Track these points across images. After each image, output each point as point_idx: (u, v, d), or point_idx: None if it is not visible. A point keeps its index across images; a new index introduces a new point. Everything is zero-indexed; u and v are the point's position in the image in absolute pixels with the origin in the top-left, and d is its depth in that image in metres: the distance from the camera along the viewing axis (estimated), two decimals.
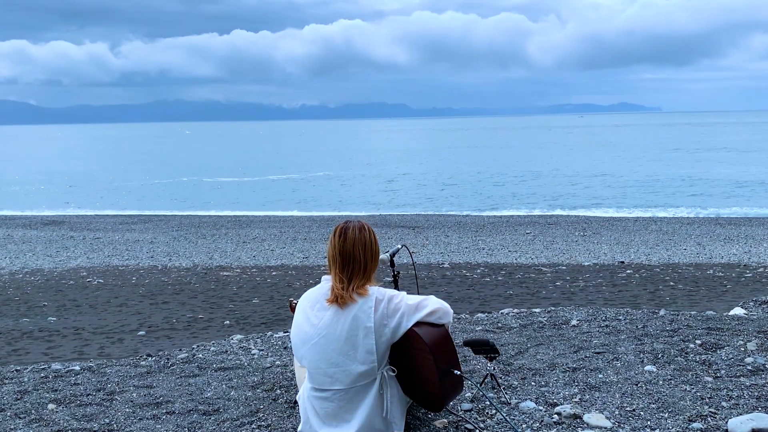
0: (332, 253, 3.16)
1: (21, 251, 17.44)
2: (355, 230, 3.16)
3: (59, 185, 41.15)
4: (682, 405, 3.58)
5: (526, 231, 19.15)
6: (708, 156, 53.77)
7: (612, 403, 3.64)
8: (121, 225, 22.70)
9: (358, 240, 3.14)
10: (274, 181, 41.82)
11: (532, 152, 65.91)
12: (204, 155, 73.76)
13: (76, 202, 32.00)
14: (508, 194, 32.15)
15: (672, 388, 3.82)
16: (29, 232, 21.25)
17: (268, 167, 52.83)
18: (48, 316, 9.81)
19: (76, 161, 66.81)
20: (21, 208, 29.92)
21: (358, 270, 3.12)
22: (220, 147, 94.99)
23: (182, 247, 17.69)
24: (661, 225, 20.03)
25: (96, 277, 13.27)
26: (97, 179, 44.83)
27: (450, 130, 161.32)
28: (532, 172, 43.24)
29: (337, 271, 3.13)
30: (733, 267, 12.71)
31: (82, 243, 18.68)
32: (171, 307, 10.26)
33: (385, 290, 3.17)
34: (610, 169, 44.15)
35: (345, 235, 3.15)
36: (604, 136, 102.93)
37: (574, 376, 4.08)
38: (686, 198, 29.02)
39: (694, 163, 46.75)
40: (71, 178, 45.62)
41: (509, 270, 12.87)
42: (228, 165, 56.70)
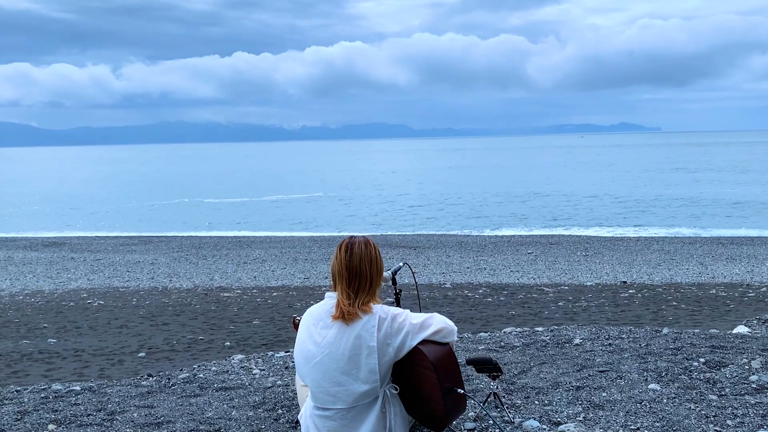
0: (338, 269, 3.14)
1: (21, 273, 17.42)
2: (361, 245, 3.15)
3: (60, 207, 41.20)
4: (686, 423, 3.55)
5: (528, 251, 19.12)
6: (708, 176, 53.84)
7: (616, 422, 3.61)
8: (122, 246, 22.69)
9: (365, 255, 3.13)
10: (275, 201, 41.86)
11: (532, 172, 66.04)
12: (205, 176, 73.91)
13: (77, 224, 32.02)
14: (509, 214, 32.15)
15: (676, 407, 3.79)
16: (30, 253, 21.24)
17: (269, 188, 52.91)
18: (48, 337, 9.77)
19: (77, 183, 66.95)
20: (22, 229, 29.93)
21: (365, 286, 3.11)
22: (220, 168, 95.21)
23: (183, 268, 17.66)
24: (662, 245, 20.01)
25: (96, 298, 13.23)
26: (97, 201, 44.90)
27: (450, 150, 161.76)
28: (533, 192, 43.28)
29: (344, 287, 3.12)
30: (735, 287, 12.67)
31: (83, 264, 18.65)
32: (171, 328, 10.22)
33: (388, 308, 3.15)
34: (611, 189, 44.19)
35: (351, 250, 3.13)
36: (604, 156, 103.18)
37: (577, 395, 4.05)
38: (687, 219, 29.01)
39: (695, 183, 46.81)
40: (72, 200, 45.69)
41: (511, 290, 12.83)
42: (228, 186, 56.79)
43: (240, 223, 31.17)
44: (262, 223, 30.99)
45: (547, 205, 35.33)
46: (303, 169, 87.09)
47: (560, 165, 79.13)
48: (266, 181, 63.64)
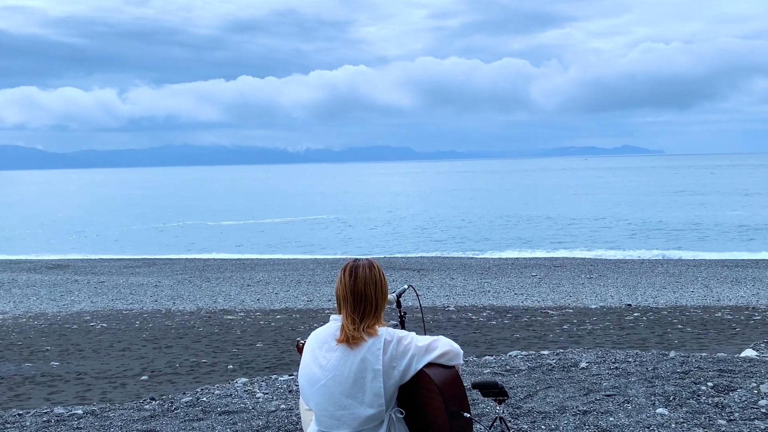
0: (343, 293, 3.12)
1: (25, 295, 17.40)
2: (365, 269, 3.13)
3: (64, 229, 41.28)
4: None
5: (532, 273, 19.06)
6: (712, 199, 53.79)
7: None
8: (126, 269, 22.68)
9: (369, 279, 3.11)
10: (278, 224, 41.87)
11: (536, 195, 66.05)
12: (208, 199, 74.07)
13: (81, 246, 32.05)
14: (513, 236, 32.10)
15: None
16: (33, 276, 21.24)
17: (272, 210, 52.98)
18: (50, 360, 9.73)
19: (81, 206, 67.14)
20: (26, 252, 29.96)
21: (370, 310, 3.09)
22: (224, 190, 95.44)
23: (186, 290, 17.64)
24: (667, 267, 19.93)
25: (99, 321, 13.20)
26: (102, 223, 44.98)
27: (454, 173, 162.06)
28: (536, 214, 43.24)
29: (348, 311, 3.10)
30: (741, 309, 12.59)
31: (87, 287, 18.64)
32: (174, 351, 10.17)
33: (394, 331, 3.13)
34: (615, 211, 44.15)
35: (356, 273, 3.12)
36: (608, 178, 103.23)
37: (584, 419, 4.00)
38: (692, 241, 28.93)
39: (699, 206, 46.74)
40: (76, 223, 45.78)
41: (515, 313, 12.76)
42: (232, 208, 56.88)
43: (243, 246, 31.17)
44: (265, 246, 30.98)
45: (550, 228, 35.28)
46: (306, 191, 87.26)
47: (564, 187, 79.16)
48: (270, 203, 63.74)
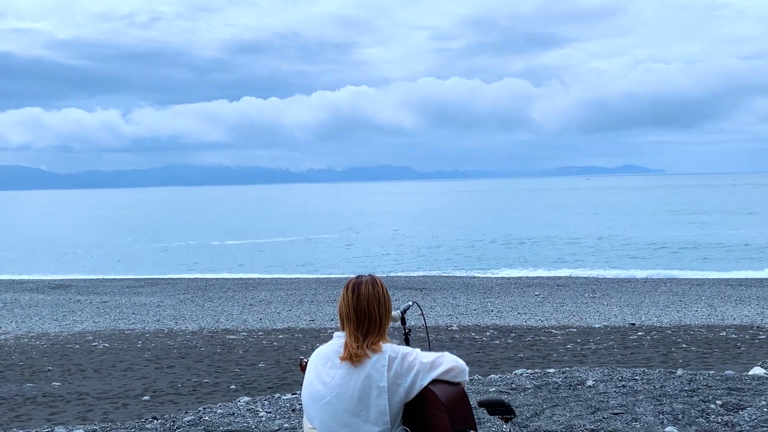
0: (345, 311, 3.10)
1: (27, 315, 17.37)
2: (368, 285, 3.11)
3: (67, 250, 41.29)
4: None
5: (535, 292, 18.99)
6: (715, 218, 53.72)
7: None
8: (128, 288, 22.66)
9: (372, 296, 3.09)
10: (281, 243, 41.86)
11: (539, 214, 66.01)
12: (212, 218, 74.14)
13: (83, 266, 32.04)
14: (515, 256, 32.04)
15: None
16: (36, 296, 21.21)
17: (275, 230, 53.00)
18: (52, 381, 9.68)
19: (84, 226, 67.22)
20: (28, 272, 29.95)
21: (374, 327, 3.07)
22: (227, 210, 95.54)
23: (189, 310, 17.60)
24: (670, 286, 19.85)
25: (101, 341, 13.16)
26: (104, 244, 45.00)
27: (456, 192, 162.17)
28: (539, 233, 43.19)
29: (352, 329, 3.07)
30: (746, 329, 12.52)
31: (89, 307, 18.61)
32: (176, 371, 10.13)
33: (398, 347, 3.10)
34: (617, 231, 44.09)
35: (358, 290, 3.09)
36: (610, 197, 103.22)
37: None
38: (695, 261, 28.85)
39: (701, 225, 46.67)
40: (79, 243, 45.81)
41: (519, 332, 12.70)
42: (235, 228, 56.90)
43: (245, 265, 31.14)
44: (268, 265, 30.95)
45: (553, 247, 35.22)
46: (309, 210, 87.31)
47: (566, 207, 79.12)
48: (272, 223, 63.78)
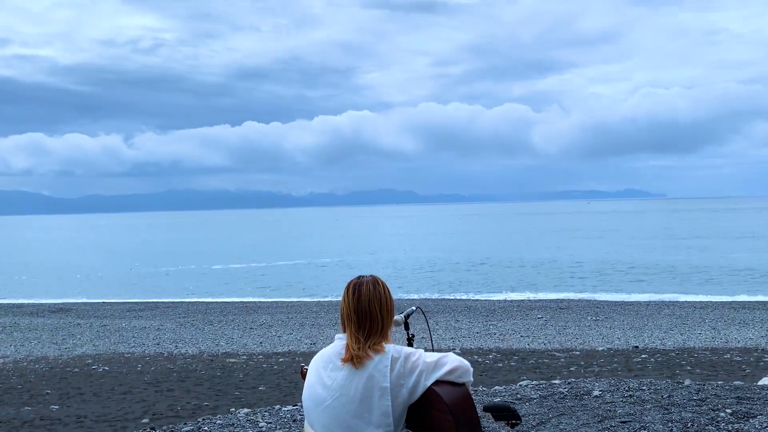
0: (347, 312, 3.04)
1: (26, 339, 17.28)
2: (369, 286, 3.05)
3: (67, 274, 41.22)
4: None
5: (538, 315, 18.89)
6: (715, 242, 53.63)
7: None
8: (129, 312, 22.56)
9: (374, 296, 3.03)
10: (281, 267, 41.77)
11: (540, 237, 65.94)
12: (212, 243, 74.08)
13: (84, 290, 31.95)
14: (517, 278, 31.93)
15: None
16: (36, 319, 21.12)
17: (276, 254, 52.92)
18: (50, 404, 9.60)
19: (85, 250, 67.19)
20: (28, 296, 29.86)
21: (376, 328, 3.01)
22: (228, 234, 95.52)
23: (189, 333, 17.50)
24: (673, 309, 19.74)
25: (101, 364, 13.07)
26: (105, 268, 44.93)
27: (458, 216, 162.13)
28: (541, 257, 43.11)
29: (353, 331, 3.01)
30: (750, 351, 12.42)
31: (89, 330, 18.51)
32: (176, 394, 10.04)
33: (401, 348, 3.04)
34: (620, 254, 44.00)
35: (359, 291, 3.04)
36: (611, 221, 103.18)
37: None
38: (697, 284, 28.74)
39: (703, 249, 46.58)
40: (79, 267, 45.75)
41: (522, 355, 12.60)
42: (235, 252, 56.84)
43: (246, 289, 31.04)
44: (268, 289, 30.85)
45: (555, 269, 35.12)
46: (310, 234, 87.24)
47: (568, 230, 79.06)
48: (273, 247, 63.70)
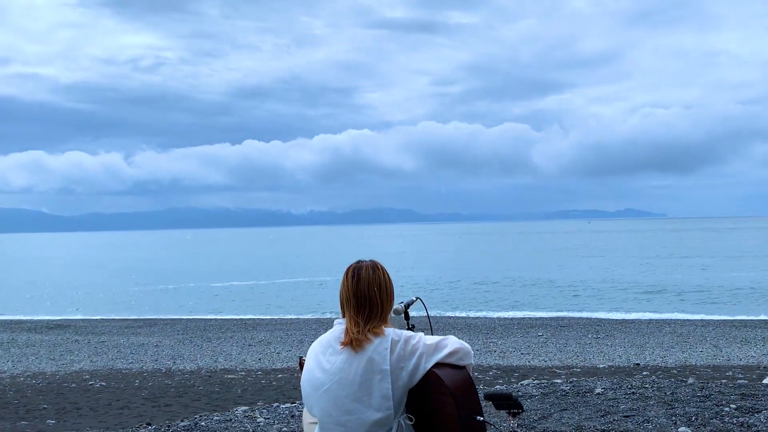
0: (346, 295, 3.01)
1: (24, 354, 17.18)
2: (368, 270, 3.02)
3: (66, 291, 41.10)
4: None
5: (538, 333, 18.79)
6: (717, 261, 53.56)
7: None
8: (127, 329, 22.46)
9: (373, 280, 3.00)
10: (280, 284, 41.65)
11: (541, 256, 65.84)
12: (212, 261, 73.96)
13: (82, 307, 31.83)
14: (517, 297, 31.84)
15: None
16: (33, 335, 21.01)
17: (275, 272, 52.81)
18: (47, 418, 9.51)
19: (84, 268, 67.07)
20: (26, 312, 29.74)
21: (375, 312, 2.98)
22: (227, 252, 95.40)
23: (187, 350, 17.40)
24: (674, 327, 19.65)
25: (98, 380, 12.98)
26: (104, 285, 44.82)
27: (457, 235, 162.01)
28: (542, 275, 43.01)
29: (351, 314, 2.98)
30: (752, 369, 12.35)
31: (87, 346, 18.41)
32: (173, 409, 9.95)
33: (401, 331, 3.01)
34: (620, 273, 43.91)
35: (358, 275, 3.01)
36: (612, 241, 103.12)
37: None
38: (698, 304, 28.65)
39: (705, 268, 46.50)
40: (78, 285, 45.63)
41: (522, 372, 12.52)
42: (235, 270, 56.73)
43: (245, 306, 30.93)
44: (267, 306, 30.74)
45: (556, 288, 35.02)
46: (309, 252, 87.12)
47: (568, 249, 78.98)
48: (272, 265, 63.59)
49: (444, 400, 2.86)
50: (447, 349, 2.96)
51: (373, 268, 3.04)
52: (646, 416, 4.30)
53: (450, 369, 2.94)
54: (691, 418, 4.19)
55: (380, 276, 3.03)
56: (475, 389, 2.99)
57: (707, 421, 4.13)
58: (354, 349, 2.91)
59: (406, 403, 2.97)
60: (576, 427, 4.13)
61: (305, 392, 3.04)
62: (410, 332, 3.03)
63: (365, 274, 3.01)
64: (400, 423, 2.93)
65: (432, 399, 2.91)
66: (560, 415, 4.47)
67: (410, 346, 2.93)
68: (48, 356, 16.84)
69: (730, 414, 4.30)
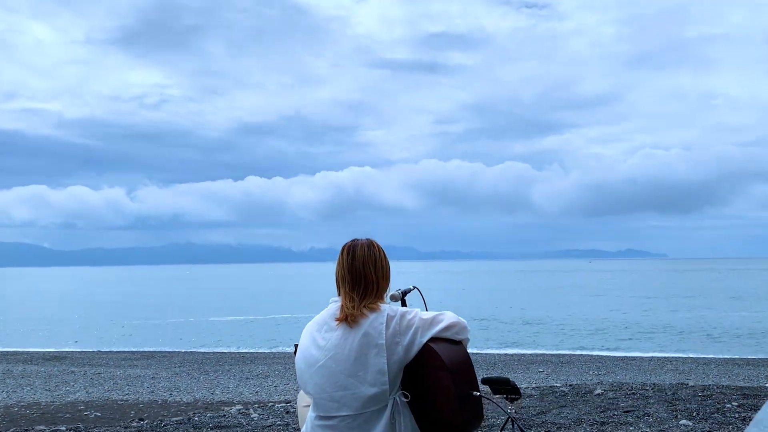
0: (341, 273, 3.01)
1: (19, 385, 17.02)
2: (363, 247, 3.03)
3: (64, 324, 40.88)
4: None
5: (539, 369, 18.63)
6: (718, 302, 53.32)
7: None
8: (124, 361, 22.28)
9: (368, 257, 3.00)
10: (279, 319, 41.42)
11: (542, 294, 65.57)
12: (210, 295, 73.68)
13: (80, 340, 31.63)
14: (518, 334, 31.62)
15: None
16: (30, 367, 20.85)
17: (273, 307, 52.57)
18: None
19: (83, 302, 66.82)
20: (23, 344, 29.54)
21: (371, 290, 2.97)
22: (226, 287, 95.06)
23: (184, 382, 17.24)
24: (676, 365, 19.49)
25: (93, 410, 12.82)
26: (102, 318, 44.59)
27: (458, 273, 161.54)
28: (543, 314, 42.79)
29: (347, 290, 2.97)
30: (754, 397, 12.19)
31: (83, 378, 18.25)
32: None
33: (397, 307, 3.01)
34: (622, 312, 43.68)
35: (353, 252, 3.01)
36: (613, 280, 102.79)
37: (602, 429, 3.74)
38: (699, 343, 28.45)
39: (707, 309, 46.26)
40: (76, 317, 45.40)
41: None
42: (233, 305, 56.48)
43: (243, 340, 30.72)
44: (265, 340, 30.53)
45: (557, 325, 34.80)
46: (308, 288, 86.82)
47: (569, 288, 78.68)
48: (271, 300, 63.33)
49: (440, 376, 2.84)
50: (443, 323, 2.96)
51: (368, 246, 3.05)
52: (646, 412, 4.26)
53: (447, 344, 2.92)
54: (693, 414, 4.15)
55: (375, 253, 3.04)
56: (471, 364, 2.98)
57: (709, 415, 4.10)
58: (349, 324, 2.89)
59: (402, 379, 2.94)
60: (575, 419, 4.09)
61: (299, 369, 2.99)
62: (406, 308, 3.03)
63: (360, 252, 3.02)
64: (396, 400, 2.89)
65: (428, 374, 2.89)
66: (559, 411, 4.45)
67: (406, 321, 2.92)
68: (43, 387, 16.68)
69: (731, 410, 4.27)
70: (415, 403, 2.94)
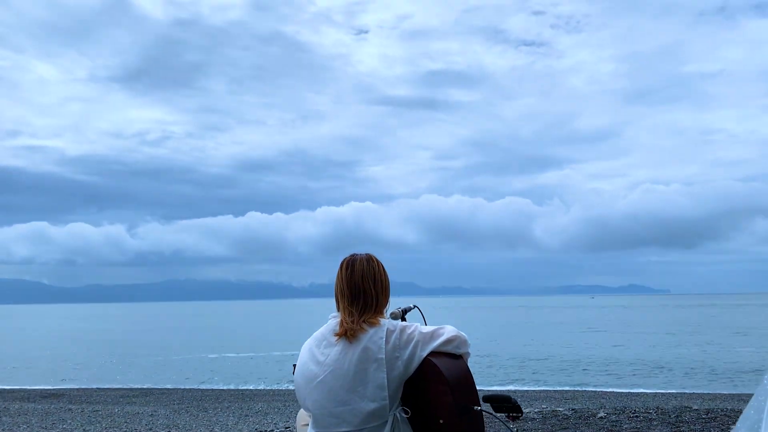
0: (340, 287, 2.94)
1: (15, 423, 16.75)
2: (362, 262, 2.97)
3: (61, 361, 40.55)
4: None
5: (542, 405, 18.36)
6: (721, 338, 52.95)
7: None
8: (122, 398, 22.02)
9: (367, 272, 2.95)
10: (279, 356, 41.08)
11: (544, 330, 65.14)
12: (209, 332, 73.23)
13: (77, 377, 31.32)
14: (521, 370, 31.32)
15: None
16: (26, 404, 20.58)
17: (273, 343, 52.19)
18: None
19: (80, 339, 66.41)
20: (20, 382, 29.24)
21: (370, 305, 2.90)
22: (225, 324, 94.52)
23: (182, 420, 16.98)
24: (681, 401, 19.21)
25: None
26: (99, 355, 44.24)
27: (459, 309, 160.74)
28: (545, 350, 42.44)
29: (346, 305, 2.91)
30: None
31: (80, 415, 17.98)
32: None
33: (397, 321, 2.94)
34: (625, 349, 43.34)
35: (352, 267, 2.96)
36: (616, 316, 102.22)
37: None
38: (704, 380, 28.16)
39: (709, 344, 45.92)
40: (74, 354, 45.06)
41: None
42: (233, 342, 56.10)
43: (242, 377, 30.41)
44: (265, 377, 30.23)
45: (560, 362, 34.49)
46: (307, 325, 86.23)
47: (572, 324, 78.20)
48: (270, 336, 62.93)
49: (440, 390, 2.77)
50: (443, 337, 2.90)
51: (367, 261, 3.01)
52: None
53: (447, 358, 2.87)
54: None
55: (375, 268, 3.00)
56: (472, 379, 2.92)
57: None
58: (349, 339, 2.83)
59: (402, 394, 2.87)
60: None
61: (298, 386, 2.92)
62: (405, 322, 2.97)
63: (359, 266, 2.97)
64: (396, 416, 2.82)
65: (429, 388, 2.82)
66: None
67: (406, 335, 2.87)
68: (40, 425, 16.42)
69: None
70: (416, 417, 2.87)
